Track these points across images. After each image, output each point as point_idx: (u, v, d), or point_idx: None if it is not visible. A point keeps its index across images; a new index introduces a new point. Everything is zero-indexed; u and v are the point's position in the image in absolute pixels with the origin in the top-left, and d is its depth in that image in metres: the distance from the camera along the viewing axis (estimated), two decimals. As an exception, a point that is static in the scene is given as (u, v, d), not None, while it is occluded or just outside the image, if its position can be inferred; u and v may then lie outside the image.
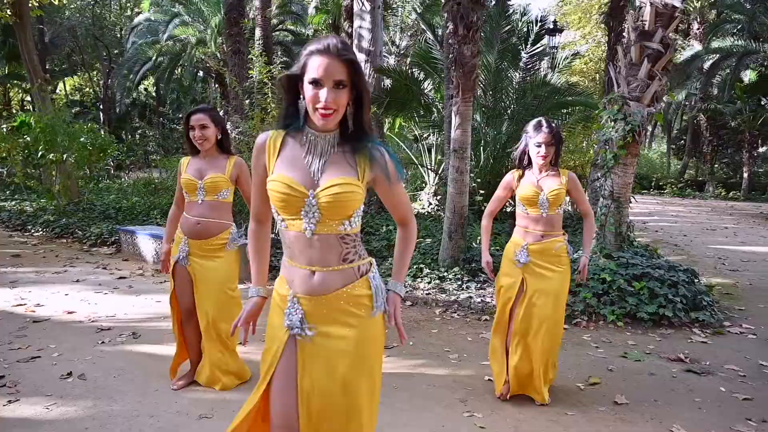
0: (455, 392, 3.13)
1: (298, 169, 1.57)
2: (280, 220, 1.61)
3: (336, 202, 1.53)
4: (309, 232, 1.56)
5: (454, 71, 5.86)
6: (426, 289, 5.56)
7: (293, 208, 1.55)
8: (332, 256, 1.58)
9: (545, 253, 2.94)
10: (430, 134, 12.00)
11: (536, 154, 2.89)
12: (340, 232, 1.57)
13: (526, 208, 2.97)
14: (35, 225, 8.65)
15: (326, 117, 1.49)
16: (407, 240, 1.79)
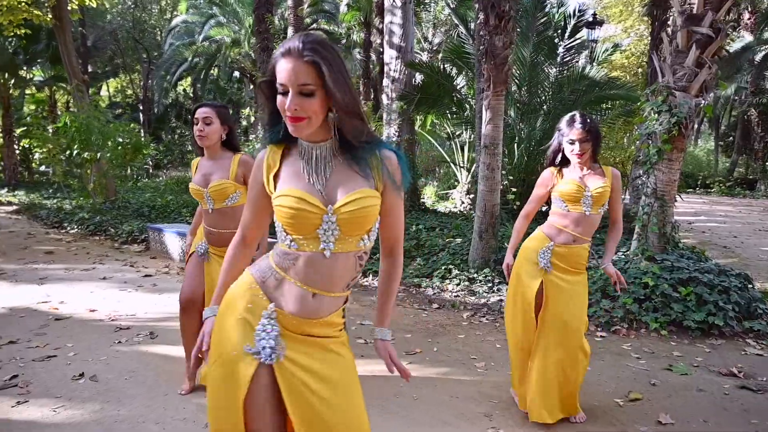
0: (480, 405, 2.90)
1: (304, 185, 1.38)
2: (289, 241, 1.39)
3: (357, 218, 1.35)
4: (328, 252, 1.37)
5: (485, 63, 5.59)
6: (455, 291, 5.33)
7: (308, 226, 1.36)
8: (343, 280, 1.41)
9: (571, 258, 2.69)
10: (463, 131, 11.72)
11: (570, 152, 2.64)
12: (359, 249, 1.40)
13: (567, 206, 2.71)
14: (71, 222, 8.83)
15: (295, 123, 1.30)
16: (394, 276, 1.57)
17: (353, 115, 1.32)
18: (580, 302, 2.68)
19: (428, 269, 5.97)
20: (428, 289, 5.43)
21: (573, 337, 2.63)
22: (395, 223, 1.49)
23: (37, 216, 9.84)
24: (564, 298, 2.65)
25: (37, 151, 14.65)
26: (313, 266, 1.38)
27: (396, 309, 4.72)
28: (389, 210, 1.45)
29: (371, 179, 1.38)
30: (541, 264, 2.70)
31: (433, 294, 5.27)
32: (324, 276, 1.39)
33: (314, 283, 1.39)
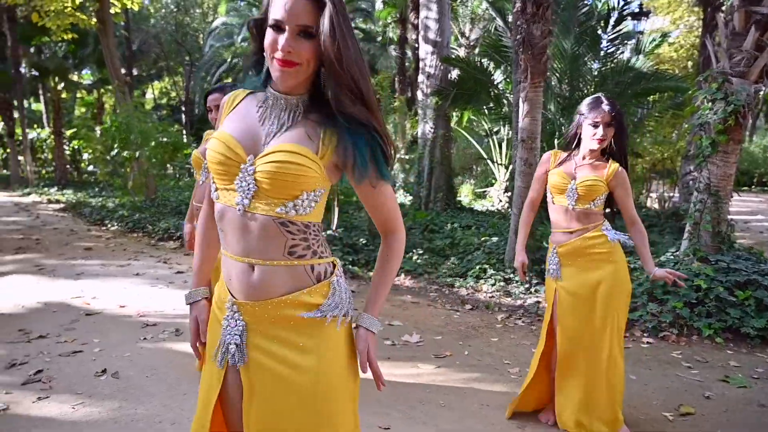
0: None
1: (245, 130, 1.22)
2: (213, 189, 1.27)
3: (277, 173, 1.16)
4: (241, 208, 1.19)
5: (522, 54, 5.34)
6: (489, 292, 5.10)
7: (228, 175, 1.21)
8: (273, 246, 1.20)
9: (578, 253, 2.43)
10: (501, 127, 11.40)
11: (591, 136, 2.38)
12: (279, 215, 1.19)
13: (553, 197, 2.51)
14: (112, 220, 9.03)
15: (285, 68, 1.14)
16: (390, 257, 1.34)
17: (349, 80, 1.14)
18: (607, 304, 2.40)
19: (462, 269, 5.76)
20: (461, 289, 5.22)
21: (600, 340, 2.39)
22: (378, 206, 1.30)
23: (81, 213, 10.12)
24: (580, 303, 2.42)
25: (85, 152, 15.20)
26: (231, 224, 1.22)
27: (426, 309, 4.54)
28: (362, 194, 1.28)
29: (314, 143, 1.19)
30: (550, 272, 2.51)
31: (467, 294, 5.06)
32: (244, 240, 1.21)
33: (244, 250, 1.21)
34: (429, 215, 8.68)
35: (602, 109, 2.35)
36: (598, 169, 2.43)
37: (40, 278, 5.36)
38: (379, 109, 1.23)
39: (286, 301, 1.20)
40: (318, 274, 1.23)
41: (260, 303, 1.21)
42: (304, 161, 1.16)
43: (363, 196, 1.28)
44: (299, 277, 1.21)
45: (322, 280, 1.24)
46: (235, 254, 1.22)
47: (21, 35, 14.87)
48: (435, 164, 9.71)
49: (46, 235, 7.94)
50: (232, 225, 1.22)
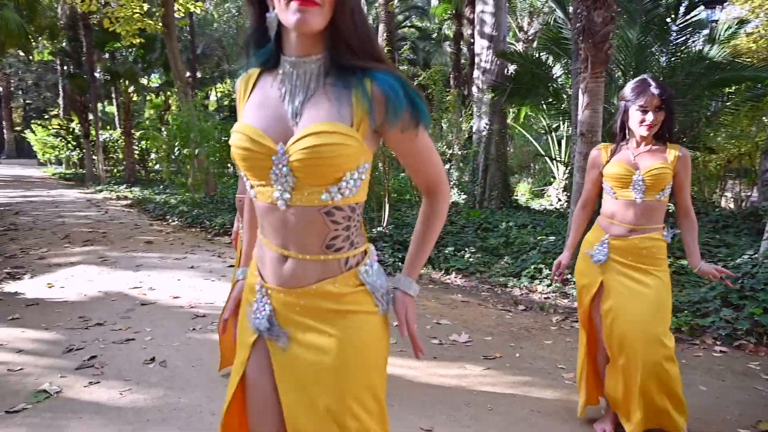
0: (565, 423, 2.50)
1: (269, 116, 1.12)
2: (249, 187, 1.18)
3: (314, 159, 1.06)
4: (282, 204, 1.11)
5: (582, 42, 5.06)
6: (545, 293, 4.86)
7: (260, 170, 1.12)
8: (312, 239, 1.13)
9: (632, 251, 2.24)
10: (560, 124, 10.97)
11: (638, 123, 2.18)
12: (324, 203, 1.10)
13: (614, 192, 2.29)
14: (173, 215, 9.38)
15: (306, 6, 1.01)
16: (433, 217, 1.24)
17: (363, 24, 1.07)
18: (656, 306, 2.20)
19: (516, 268, 5.54)
20: (515, 290, 5.00)
21: (647, 348, 2.16)
22: (420, 163, 1.20)
23: (145, 209, 10.58)
24: (629, 300, 2.22)
25: (152, 151, 15.95)
26: (271, 221, 1.15)
27: (477, 309, 4.37)
28: (402, 151, 1.18)
29: (347, 112, 1.08)
30: (593, 258, 2.31)
31: (521, 295, 4.84)
32: (283, 234, 1.14)
33: (281, 242, 1.14)
34: (483, 214, 8.45)
35: (650, 93, 2.14)
36: (658, 155, 2.23)
37: (103, 269, 5.60)
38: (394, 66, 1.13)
39: (310, 291, 1.15)
40: (350, 266, 1.17)
41: (288, 290, 1.16)
42: (341, 139, 1.06)
43: (403, 152, 1.19)
44: (330, 269, 1.15)
45: (350, 269, 1.17)
46: (272, 243, 1.17)
47: (95, 41, 15.78)
48: (490, 161, 9.46)
49: (112, 228, 8.34)
50: (273, 221, 1.15)
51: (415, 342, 1.23)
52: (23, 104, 34.08)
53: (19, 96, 33.68)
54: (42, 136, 22.59)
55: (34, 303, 4.38)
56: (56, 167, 23.32)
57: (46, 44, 18.57)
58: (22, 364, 3.13)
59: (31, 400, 2.67)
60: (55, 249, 6.66)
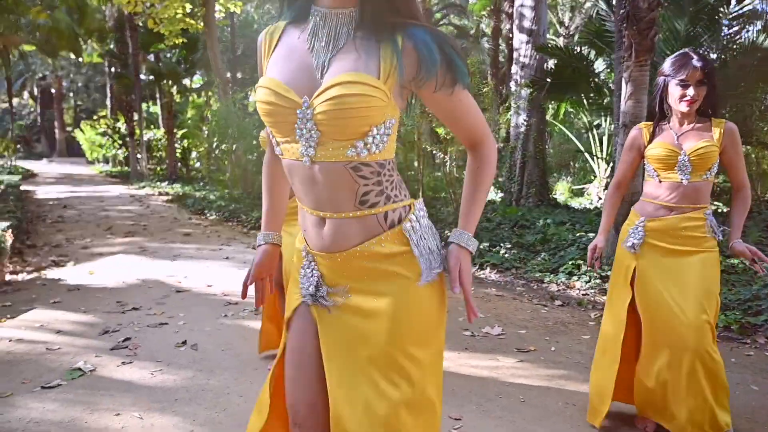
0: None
1: (294, 69, 1.08)
2: (275, 145, 1.15)
3: (338, 110, 1.01)
4: (307, 160, 1.07)
5: (625, 30, 4.86)
6: (583, 289, 4.69)
7: (285, 125, 1.08)
8: (343, 196, 1.08)
9: (670, 233, 2.10)
10: (602, 121, 10.64)
11: (678, 99, 2.04)
12: (350, 159, 1.06)
13: (658, 173, 2.15)
14: (211, 210, 9.56)
15: None
16: (481, 170, 1.18)
17: None
18: (699, 288, 2.05)
19: (553, 264, 5.36)
20: (551, 285, 4.85)
21: (689, 336, 2.02)
22: (459, 117, 1.15)
23: (185, 204, 10.83)
24: (664, 284, 2.08)
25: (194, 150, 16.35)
26: (299, 179, 1.11)
27: (511, 303, 4.25)
28: (439, 107, 1.13)
29: (374, 65, 1.04)
30: (626, 244, 2.19)
31: (558, 290, 4.69)
32: (314, 193, 1.10)
33: (315, 203, 1.11)
34: (520, 211, 8.26)
35: (692, 66, 2.00)
36: (703, 133, 2.09)
37: (142, 258, 5.74)
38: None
39: (355, 253, 1.10)
40: (391, 222, 1.11)
41: (333, 255, 1.12)
42: (367, 90, 1.01)
43: (441, 109, 1.14)
44: (370, 227, 1.10)
45: (393, 226, 1.11)
46: (308, 207, 1.14)
47: (141, 43, 16.29)
48: (528, 158, 9.25)
49: (152, 221, 8.56)
50: (301, 179, 1.12)
51: (469, 302, 1.15)
52: (74, 105, 35.58)
53: (70, 97, 35.19)
54: (90, 135, 23.48)
55: (76, 288, 4.51)
56: (103, 165, 24.20)
57: (95, 46, 19.31)
58: (60, 343, 3.21)
59: (66, 377, 2.73)
60: (98, 239, 6.87)
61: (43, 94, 34.26)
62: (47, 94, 33.93)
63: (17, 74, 29.38)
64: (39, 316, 3.72)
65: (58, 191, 13.31)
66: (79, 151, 28.71)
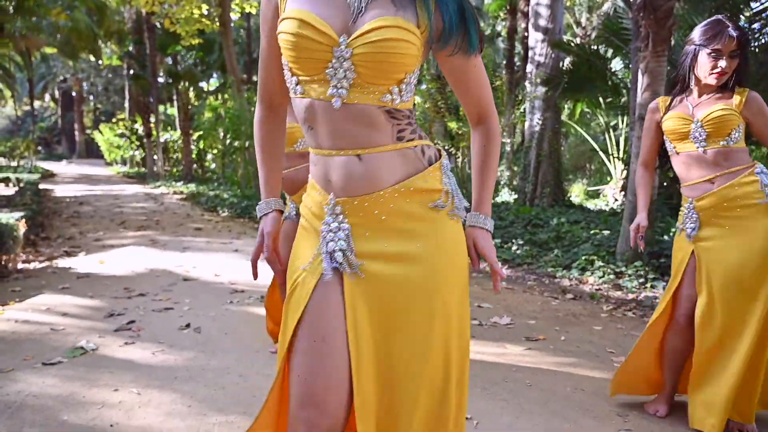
0: (612, 402, 2.28)
1: (328, 4, 1.02)
2: (293, 84, 1.07)
3: (381, 54, 0.99)
4: (338, 101, 1.02)
5: (642, 19, 4.76)
6: (596, 284, 4.57)
7: (314, 62, 1.02)
8: (379, 133, 1.05)
9: (721, 206, 1.98)
10: (618, 121, 10.48)
11: (709, 70, 1.93)
12: (383, 104, 1.03)
13: (674, 145, 2.07)
14: (223, 207, 9.60)
15: None
16: (489, 146, 1.19)
17: None
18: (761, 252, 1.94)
19: (566, 260, 5.25)
20: (564, 280, 4.74)
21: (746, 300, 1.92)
22: (474, 86, 1.15)
23: (198, 202, 10.89)
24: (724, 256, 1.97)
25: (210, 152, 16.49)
26: (325, 120, 1.04)
27: (521, 295, 4.16)
28: (454, 70, 1.12)
29: (411, 16, 1.02)
30: (686, 231, 2.07)
31: (570, 285, 4.58)
32: (342, 132, 1.04)
33: (344, 142, 1.05)
34: (533, 211, 8.15)
35: (727, 35, 1.89)
36: (721, 100, 1.99)
37: (152, 250, 5.76)
38: None
39: (401, 190, 1.06)
40: (429, 158, 1.10)
41: (370, 196, 1.05)
42: (408, 37, 1.00)
43: (455, 73, 1.14)
44: (411, 161, 1.08)
45: (432, 163, 1.10)
46: (336, 149, 1.06)
47: (158, 44, 16.50)
48: (543, 157, 9.13)
49: (165, 217, 8.61)
50: (327, 121, 1.05)
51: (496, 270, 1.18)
52: (93, 108, 36.20)
53: (90, 100, 35.82)
54: (109, 136, 23.83)
55: (85, 276, 4.53)
56: (121, 166, 24.54)
57: (114, 48, 19.62)
58: (65, 325, 3.20)
59: (67, 354, 2.72)
60: (111, 233, 6.92)
61: (63, 97, 34.94)
62: (68, 96, 34.59)
63: (39, 77, 30.00)
64: (46, 300, 3.72)
65: (76, 190, 13.49)
66: (98, 153, 29.17)
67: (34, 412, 2.12)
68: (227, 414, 2.14)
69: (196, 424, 2.05)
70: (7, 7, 11.38)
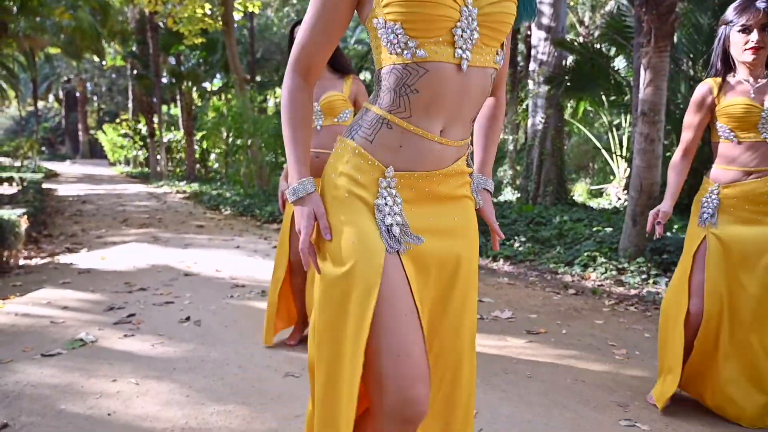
0: (613, 394, 2.26)
1: None
2: (414, 46, 0.99)
3: (501, 14, 1.03)
4: (465, 64, 1.01)
5: (644, 14, 4.74)
6: (598, 280, 4.55)
7: (441, 21, 0.98)
8: (473, 113, 1.10)
9: (751, 198, 1.94)
10: (621, 120, 10.44)
11: (742, 45, 1.89)
12: (494, 65, 1.08)
13: (734, 133, 1.97)
14: (225, 205, 9.60)
15: None
16: (498, 112, 1.28)
17: None
18: None
19: (569, 257, 5.23)
20: (566, 276, 4.72)
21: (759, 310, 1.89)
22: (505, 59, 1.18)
23: (200, 200, 10.91)
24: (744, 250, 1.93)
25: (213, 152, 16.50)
26: (444, 87, 1.02)
27: (523, 290, 4.14)
28: None
29: None
30: (702, 217, 2.02)
31: (572, 281, 4.56)
32: (455, 103, 1.05)
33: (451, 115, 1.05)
34: (536, 209, 8.12)
35: (754, 8, 1.86)
36: None
37: (154, 246, 5.76)
38: None
39: (451, 170, 1.11)
40: (468, 143, 1.17)
41: (431, 173, 1.07)
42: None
43: None
44: (464, 148, 1.14)
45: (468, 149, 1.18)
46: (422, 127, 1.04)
47: (161, 44, 16.53)
48: (545, 156, 9.11)
49: (167, 215, 8.62)
50: (444, 87, 1.02)
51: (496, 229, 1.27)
52: (97, 108, 36.32)
53: (93, 101, 35.94)
54: (112, 137, 23.89)
55: (86, 271, 4.53)
56: (124, 166, 24.59)
57: (118, 48, 19.67)
58: (65, 318, 3.20)
59: (67, 346, 2.71)
60: (113, 230, 6.93)
61: (67, 97, 35.05)
62: (71, 97, 34.71)
63: (43, 77, 30.11)
64: (47, 294, 3.72)
65: (79, 189, 13.52)
66: (101, 153, 29.25)
67: (31, 401, 2.12)
68: (225, 404, 2.13)
69: (194, 413, 2.04)
70: (10, 6, 11.42)
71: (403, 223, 1.05)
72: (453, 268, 1.10)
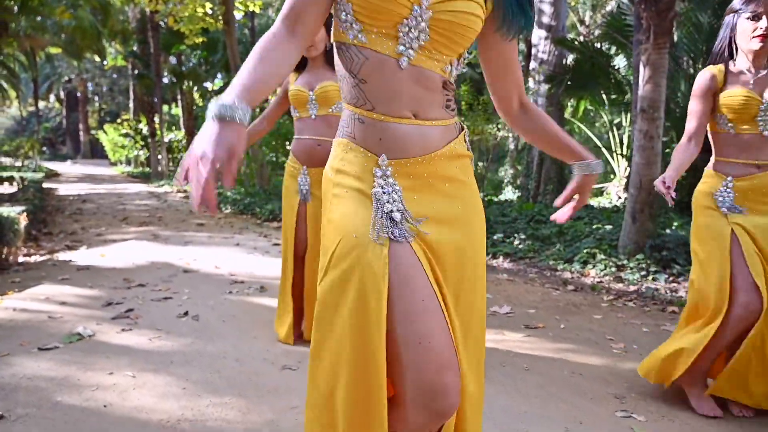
0: (609, 386, 2.26)
1: None
2: (357, 30, 1.01)
3: (458, 25, 1.01)
4: (405, 61, 1.01)
5: (644, 11, 4.73)
6: (597, 277, 4.54)
7: (389, 15, 0.99)
8: (435, 100, 1.07)
9: (763, 190, 1.92)
10: (622, 119, 10.43)
11: (751, 33, 1.88)
12: (442, 74, 1.06)
13: (733, 125, 1.96)
14: (226, 204, 9.62)
15: None
16: (539, 115, 1.23)
17: None
18: None
19: (568, 254, 5.22)
20: (565, 273, 4.72)
21: None
22: (512, 68, 1.17)
23: (201, 200, 10.92)
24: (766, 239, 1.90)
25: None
26: (386, 78, 1.03)
27: (522, 286, 4.13)
28: (500, 57, 1.15)
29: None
30: (723, 208, 1.97)
31: (571, 277, 4.55)
32: (407, 92, 1.03)
33: (408, 105, 1.05)
34: (536, 207, 8.12)
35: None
36: None
37: (153, 244, 5.76)
38: None
39: (446, 153, 1.08)
40: (459, 126, 1.14)
41: (423, 158, 1.06)
42: (479, 12, 1.02)
43: (497, 55, 1.15)
44: (451, 128, 1.11)
45: (461, 132, 1.15)
46: (393, 110, 1.04)
47: (162, 44, 16.56)
48: (546, 155, 9.11)
49: (167, 214, 8.63)
50: (387, 79, 1.03)
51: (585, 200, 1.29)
52: (98, 108, 36.37)
53: (95, 101, 36.00)
54: (113, 136, 23.92)
55: (85, 268, 4.53)
56: (125, 166, 24.62)
57: (119, 48, 19.69)
58: (63, 313, 3.20)
59: (64, 340, 2.71)
60: (113, 228, 6.93)
61: (68, 97, 35.11)
62: (72, 97, 34.76)
63: (44, 77, 30.15)
64: (45, 290, 3.73)
65: (79, 188, 13.54)
66: (102, 153, 29.29)
67: (27, 393, 2.12)
68: (222, 396, 2.13)
69: (190, 405, 2.04)
70: (11, 6, 11.44)
71: (404, 209, 1.04)
72: (458, 259, 1.08)
